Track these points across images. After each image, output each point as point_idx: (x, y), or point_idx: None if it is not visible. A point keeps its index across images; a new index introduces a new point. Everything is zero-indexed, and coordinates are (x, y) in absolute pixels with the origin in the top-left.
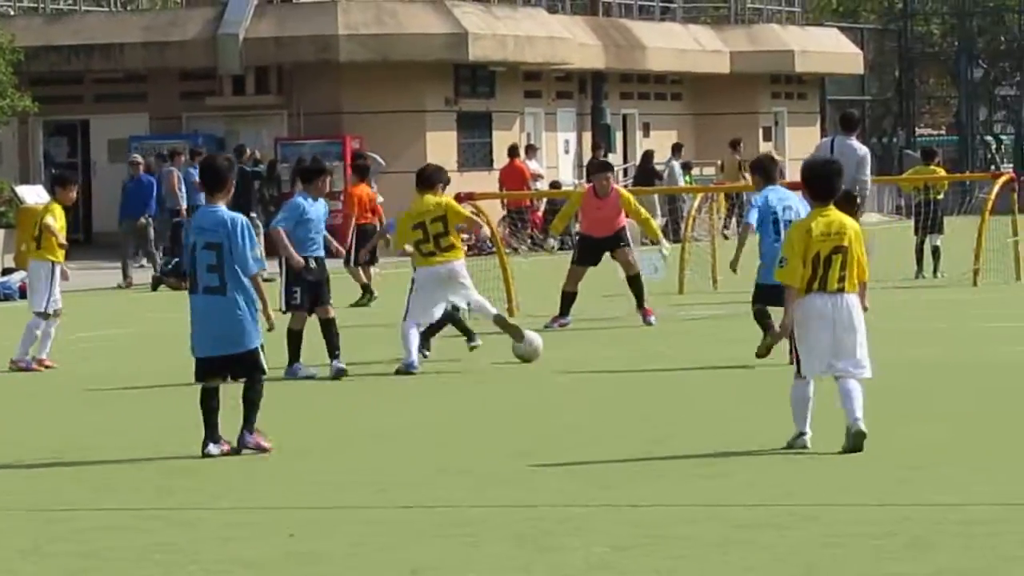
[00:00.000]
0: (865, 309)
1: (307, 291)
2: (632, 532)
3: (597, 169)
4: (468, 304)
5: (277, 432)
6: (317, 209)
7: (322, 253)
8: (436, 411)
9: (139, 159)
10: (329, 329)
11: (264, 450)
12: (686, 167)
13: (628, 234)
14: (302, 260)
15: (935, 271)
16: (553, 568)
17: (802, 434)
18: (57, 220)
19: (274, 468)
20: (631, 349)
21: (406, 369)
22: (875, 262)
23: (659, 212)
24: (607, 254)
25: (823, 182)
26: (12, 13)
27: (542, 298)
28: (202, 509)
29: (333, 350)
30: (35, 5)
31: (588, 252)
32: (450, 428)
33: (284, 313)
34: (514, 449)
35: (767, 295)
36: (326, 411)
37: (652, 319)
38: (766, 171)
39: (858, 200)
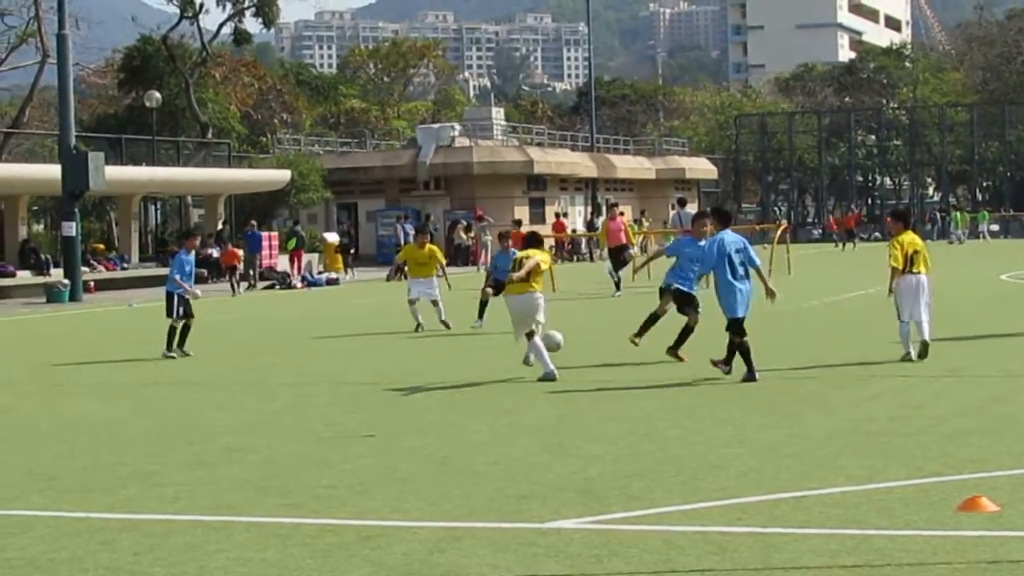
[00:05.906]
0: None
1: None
2: None
3: (609, 208)
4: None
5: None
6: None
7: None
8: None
9: (254, 224)
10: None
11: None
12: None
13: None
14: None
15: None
16: None
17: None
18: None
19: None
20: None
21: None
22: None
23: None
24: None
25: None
26: (320, 152)
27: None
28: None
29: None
30: (331, 149)
31: (614, 255)
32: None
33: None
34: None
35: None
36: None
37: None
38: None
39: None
